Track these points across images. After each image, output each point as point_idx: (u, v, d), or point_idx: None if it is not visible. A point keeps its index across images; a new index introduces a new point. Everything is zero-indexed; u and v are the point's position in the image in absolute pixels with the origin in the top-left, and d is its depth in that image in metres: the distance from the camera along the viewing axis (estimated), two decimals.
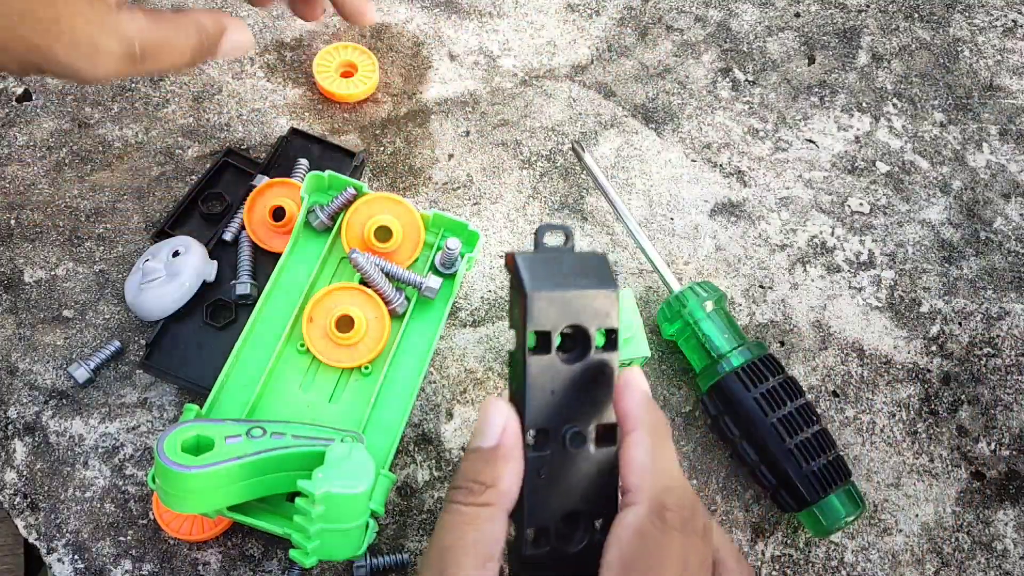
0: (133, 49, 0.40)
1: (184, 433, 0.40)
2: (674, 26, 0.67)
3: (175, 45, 0.42)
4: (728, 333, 0.51)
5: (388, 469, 0.46)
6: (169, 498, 0.39)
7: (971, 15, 0.70)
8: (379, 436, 0.47)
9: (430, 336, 0.50)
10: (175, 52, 0.42)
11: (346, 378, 0.49)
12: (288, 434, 0.42)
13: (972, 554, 0.51)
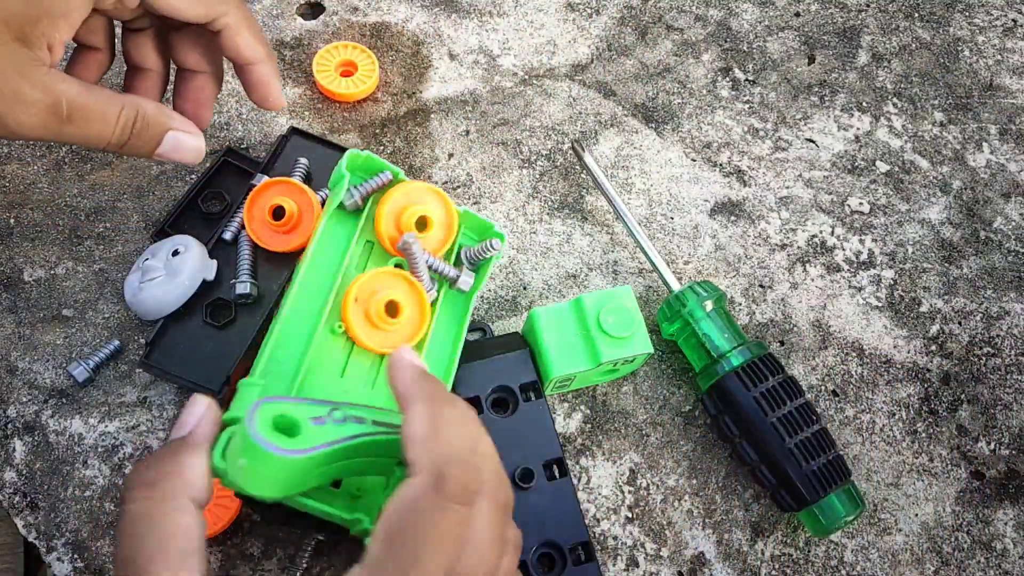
0: (60, 107, 0.39)
1: (272, 410, 0.35)
2: (674, 25, 0.67)
3: (105, 115, 0.41)
4: (728, 332, 0.51)
5: None
6: (254, 479, 0.34)
7: (971, 15, 0.70)
8: None
9: (459, 327, 0.49)
10: (104, 122, 0.41)
11: (379, 364, 0.47)
12: (369, 419, 0.37)
13: (972, 553, 0.51)
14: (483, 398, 0.48)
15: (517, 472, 0.46)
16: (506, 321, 0.54)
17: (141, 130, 0.43)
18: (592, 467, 0.51)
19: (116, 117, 0.42)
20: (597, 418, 0.52)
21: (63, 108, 0.39)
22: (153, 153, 0.44)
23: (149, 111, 0.43)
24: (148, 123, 0.43)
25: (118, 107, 0.42)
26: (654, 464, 0.51)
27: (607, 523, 0.49)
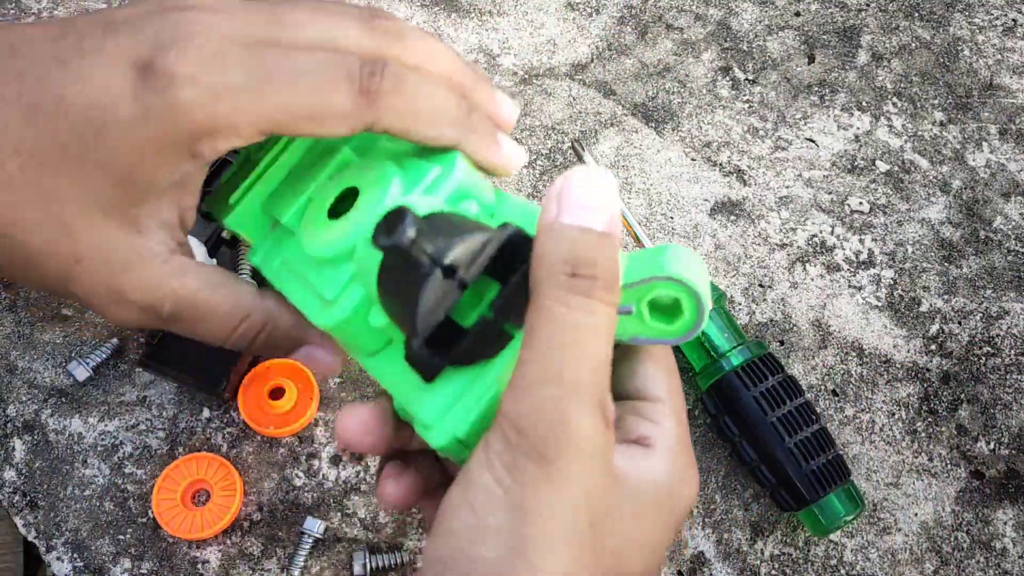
0: (161, 309, 0.33)
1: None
2: (674, 25, 0.67)
3: (222, 320, 0.34)
4: (728, 332, 0.51)
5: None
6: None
7: (971, 14, 0.70)
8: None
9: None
10: (219, 325, 0.34)
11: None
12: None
13: (971, 553, 0.51)
14: None
15: None
16: None
17: (267, 341, 0.36)
18: None
19: (235, 325, 0.35)
20: None
21: (164, 309, 0.33)
22: (285, 357, 0.37)
23: (281, 324, 0.35)
24: (277, 336, 0.36)
25: (241, 314, 0.35)
26: None
27: None
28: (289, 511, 0.48)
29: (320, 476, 0.49)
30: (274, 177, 0.36)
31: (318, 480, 0.49)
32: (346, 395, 0.51)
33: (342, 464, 0.50)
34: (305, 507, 0.48)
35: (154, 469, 0.48)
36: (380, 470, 0.33)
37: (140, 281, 0.33)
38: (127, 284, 0.33)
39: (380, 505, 0.49)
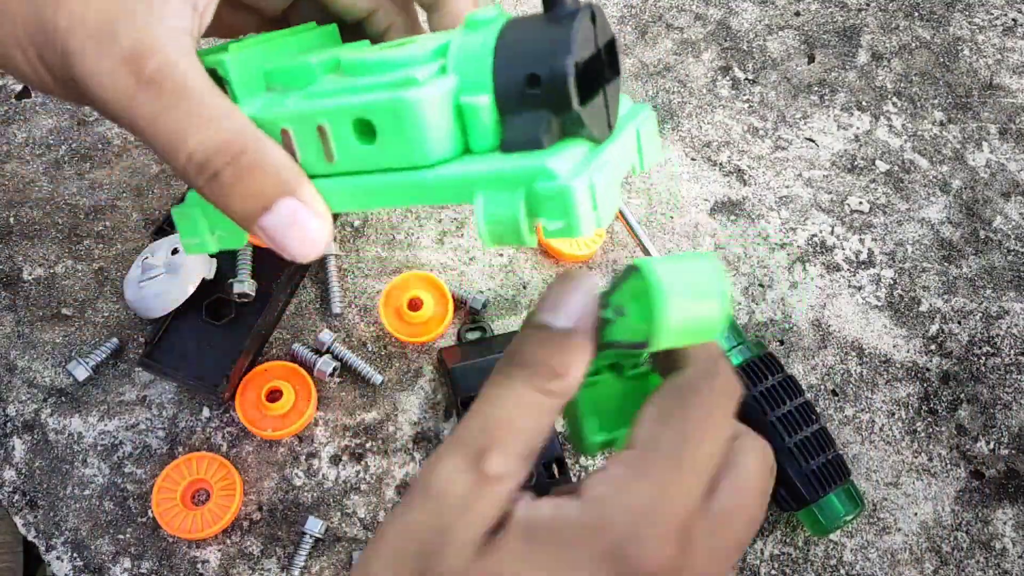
0: (143, 61, 0.28)
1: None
2: (674, 24, 0.67)
3: (201, 111, 0.28)
4: (728, 332, 0.51)
5: None
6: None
7: (971, 14, 0.70)
8: None
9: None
10: (193, 119, 0.28)
11: None
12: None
13: (971, 553, 0.51)
14: None
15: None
16: (506, 320, 0.54)
17: (247, 170, 0.28)
18: (591, 466, 0.51)
19: (217, 124, 0.28)
20: None
21: (148, 64, 0.27)
22: (253, 221, 0.29)
23: (273, 154, 0.29)
24: (263, 164, 0.29)
25: (230, 121, 0.28)
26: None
27: None
28: (289, 511, 0.48)
29: (320, 476, 0.49)
30: (280, 52, 0.34)
31: (318, 480, 0.49)
32: (346, 394, 0.51)
33: (342, 464, 0.50)
34: (305, 507, 0.48)
35: (154, 469, 0.48)
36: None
37: (138, 26, 0.28)
38: (121, 23, 0.27)
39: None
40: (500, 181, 0.29)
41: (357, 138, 0.30)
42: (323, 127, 0.30)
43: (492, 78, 0.29)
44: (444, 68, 0.30)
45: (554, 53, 0.28)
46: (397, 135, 0.29)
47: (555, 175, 0.28)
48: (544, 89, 0.29)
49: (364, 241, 0.56)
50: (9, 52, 0.29)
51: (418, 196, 0.31)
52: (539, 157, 0.29)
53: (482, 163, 0.30)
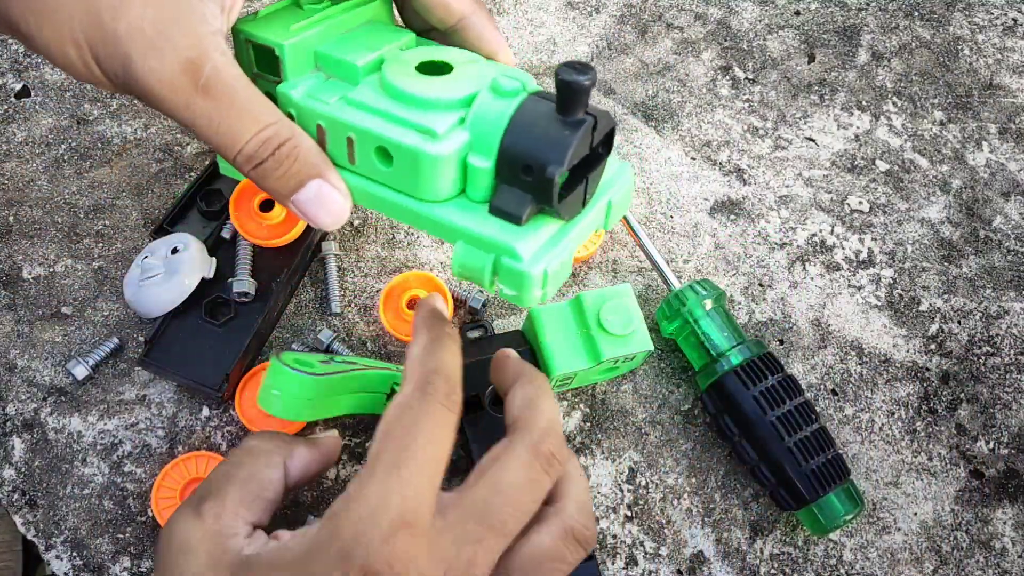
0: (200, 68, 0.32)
1: (292, 355, 0.45)
2: (674, 24, 0.67)
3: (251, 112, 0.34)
4: (727, 331, 0.51)
5: None
6: (286, 402, 0.43)
7: (971, 14, 0.70)
8: None
9: None
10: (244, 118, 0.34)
11: None
12: (359, 363, 0.47)
13: (971, 552, 0.51)
14: (483, 396, 0.48)
15: None
16: (506, 320, 0.54)
17: (284, 158, 0.35)
18: (591, 465, 0.51)
19: (261, 125, 0.34)
20: (596, 416, 0.52)
21: (203, 72, 0.32)
22: (288, 197, 0.36)
23: (305, 144, 0.36)
24: (297, 156, 0.35)
25: (270, 117, 0.34)
26: (653, 463, 0.51)
27: (606, 522, 0.49)
28: (288, 510, 0.48)
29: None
30: (332, 31, 0.39)
31: (317, 479, 0.49)
32: None
33: (341, 463, 0.50)
34: (305, 506, 0.48)
35: (153, 468, 0.48)
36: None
37: (191, 36, 0.32)
38: (177, 33, 0.32)
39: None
40: (479, 241, 0.35)
41: (377, 158, 0.36)
42: (351, 139, 0.36)
43: (497, 151, 0.34)
44: (463, 120, 0.35)
45: (548, 159, 0.33)
46: (409, 171, 0.35)
47: (520, 258, 0.34)
48: (534, 179, 0.34)
49: (364, 240, 0.56)
50: (64, 49, 0.32)
51: (413, 221, 0.37)
52: (513, 235, 0.34)
53: (471, 218, 0.35)
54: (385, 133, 0.35)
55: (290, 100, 0.37)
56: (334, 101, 0.36)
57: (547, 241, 0.36)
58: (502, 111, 0.34)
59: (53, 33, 0.32)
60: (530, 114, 0.34)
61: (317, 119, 0.36)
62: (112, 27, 0.31)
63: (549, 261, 0.35)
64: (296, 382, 0.42)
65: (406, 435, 0.33)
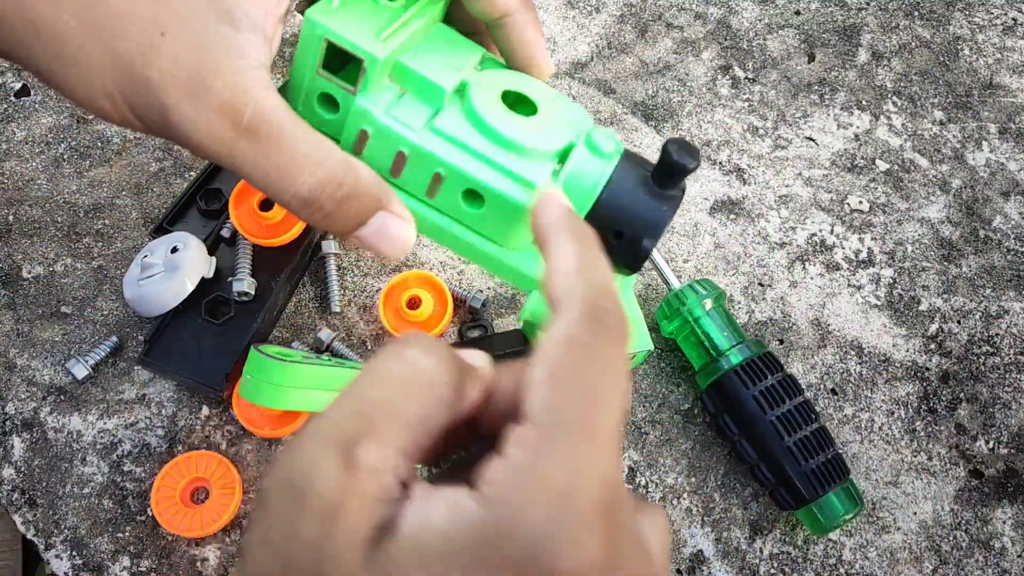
0: (240, 112, 0.30)
1: (274, 348, 0.47)
2: (674, 23, 0.67)
3: (302, 151, 0.31)
4: (727, 331, 0.51)
5: None
6: (263, 391, 0.44)
7: (971, 13, 0.70)
8: None
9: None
10: (296, 159, 0.31)
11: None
12: (347, 363, 0.48)
13: (970, 552, 0.51)
14: None
15: None
16: (506, 319, 0.54)
17: (343, 199, 0.32)
18: None
19: (317, 163, 0.31)
20: None
21: (245, 114, 0.30)
22: (349, 234, 0.34)
23: (364, 176, 0.32)
24: (358, 192, 0.32)
25: (325, 153, 0.31)
26: (653, 462, 0.51)
27: None
28: None
29: None
30: (412, 38, 0.35)
31: None
32: None
33: None
34: None
35: (153, 467, 0.48)
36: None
37: (227, 76, 0.30)
38: (212, 75, 0.29)
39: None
40: None
41: (464, 199, 0.34)
42: (439, 175, 0.34)
43: (589, 211, 0.34)
44: (557, 173, 0.34)
45: (645, 230, 0.34)
46: (498, 219, 0.34)
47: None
48: (622, 246, 0.34)
49: None
50: (98, 103, 0.31)
51: (486, 264, 0.36)
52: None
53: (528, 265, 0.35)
54: (480, 177, 0.33)
55: (369, 118, 0.33)
56: (420, 126, 0.33)
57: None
58: (599, 173, 0.34)
59: (83, 86, 0.30)
60: (626, 182, 0.34)
61: (401, 146, 0.33)
62: (144, 75, 0.30)
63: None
64: (272, 368, 0.43)
65: (590, 385, 0.24)
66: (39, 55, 0.30)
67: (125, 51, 0.29)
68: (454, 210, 0.35)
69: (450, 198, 0.35)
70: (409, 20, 0.35)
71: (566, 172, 0.34)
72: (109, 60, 0.29)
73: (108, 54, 0.29)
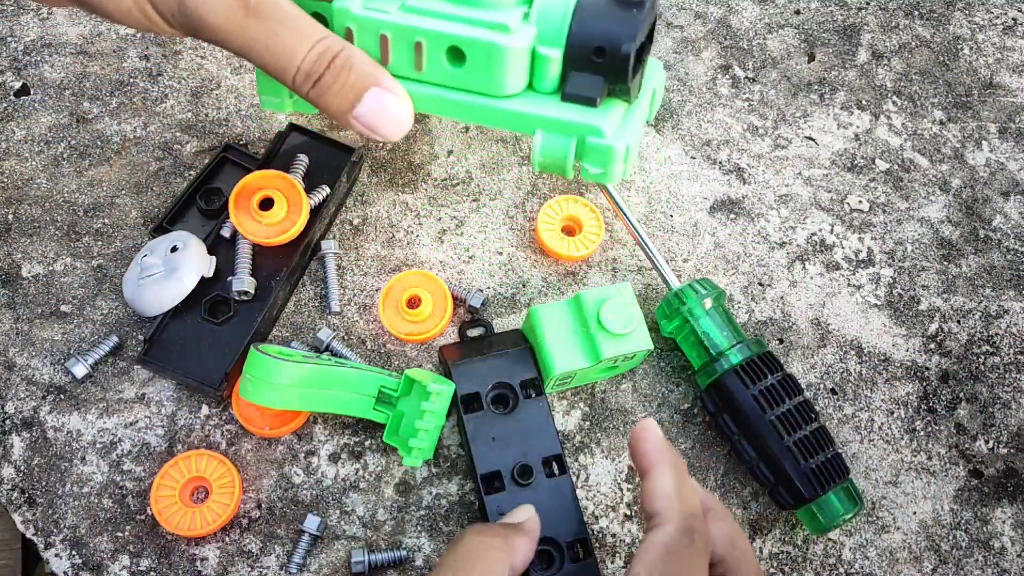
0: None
1: (274, 348, 0.46)
2: (674, 23, 0.67)
3: (301, 28, 0.35)
4: (727, 330, 0.51)
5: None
6: (256, 388, 0.44)
7: (971, 13, 0.70)
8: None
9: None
10: (296, 36, 0.35)
11: None
12: (347, 364, 0.48)
13: (970, 552, 0.51)
14: (483, 394, 0.48)
15: (516, 469, 0.46)
16: (506, 318, 0.54)
17: (340, 71, 0.36)
18: (591, 464, 0.51)
19: (314, 40, 0.35)
20: (596, 415, 0.52)
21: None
22: (349, 112, 0.37)
23: (357, 54, 0.36)
24: (351, 66, 0.36)
25: (320, 32, 0.35)
26: None
27: (605, 520, 0.49)
28: (288, 509, 0.48)
29: (319, 474, 0.49)
30: None
31: (317, 478, 0.49)
32: None
33: (341, 462, 0.50)
34: (304, 504, 0.48)
35: (153, 466, 0.48)
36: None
37: None
38: None
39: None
40: (559, 126, 0.38)
41: (448, 60, 0.37)
42: (421, 43, 0.37)
43: (566, 39, 0.37)
44: (527, 15, 0.37)
45: (621, 36, 0.36)
46: (483, 68, 0.37)
47: (603, 134, 0.37)
48: (607, 60, 0.36)
49: (363, 239, 0.56)
50: (124, 9, 0.35)
51: (487, 119, 0.39)
52: (592, 115, 0.37)
53: (546, 107, 0.38)
54: (459, 33, 0.36)
55: (348, 15, 0.37)
56: (394, 10, 0.37)
57: (621, 120, 0.39)
58: (566, 2, 0.37)
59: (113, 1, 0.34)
60: (592, 3, 0.37)
61: (381, 29, 0.37)
62: None
63: (628, 137, 0.38)
64: (271, 368, 0.43)
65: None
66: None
67: None
68: (443, 77, 0.38)
69: (436, 65, 0.38)
70: None
71: (536, 10, 0.37)
72: None
73: None
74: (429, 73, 0.38)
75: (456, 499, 0.49)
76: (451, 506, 0.49)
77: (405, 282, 0.53)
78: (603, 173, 0.38)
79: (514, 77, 0.37)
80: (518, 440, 0.47)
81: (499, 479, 0.46)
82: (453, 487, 0.49)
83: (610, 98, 0.38)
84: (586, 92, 0.37)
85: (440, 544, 0.48)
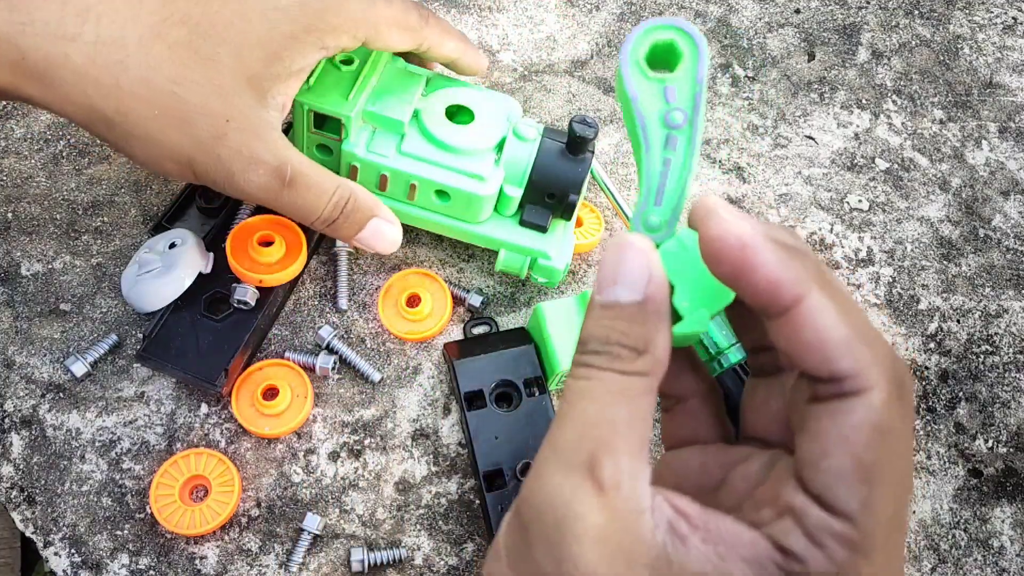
0: (284, 171, 0.41)
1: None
2: None
3: (323, 187, 0.43)
4: (726, 330, 0.51)
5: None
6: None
7: (971, 12, 0.70)
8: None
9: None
10: (320, 194, 0.43)
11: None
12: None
13: (969, 551, 0.51)
14: (487, 392, 0.48)
15: (519, 466, 0.46)
16: (505, 317, 0.54)
17: (351, 212, 0.45)
18: None
19: (331, 193, 0.44)
20: None
21: (287, 172, 0.41)
22: (354, 237, 0.46)
23: (359, 194, 0.45)
24: (358, 206, 0.45)
25: (334, 184, 0.44)
26: (652, 460, 0.51)
27: None
28: (287, 507, 0.48)
29: (318, 472, 0.49)
30: (369, 90, 0.47)
31: (316, 476, 0.49)
32: (344, 391, 0.51)
33: (340, 461, 0.50)
34: (303, 503, 0.48)
35: (152, 465, 0.48)
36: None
37: (270, 147, 0.41)
38: (260, 148, 0.41)
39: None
40: (517, 248, 0.50)
41: (435, 196, 0.48)
42: (414, 185, 0.48)
43: (527, 183, 0.48)
44: (497, 161, 0.48)
45: (567, 187, 0.48)
46: (463, 206, 0.48)
47: (550, 258, 0.49)
48: (556, 201, 0.48)
49: None
50: (164, 165, 0.41)
51: (463, 237, 0.50)
52: (542, 241, 0.49)
53: (508, 232, 0.49)
54: (444, 181, 0.47)
55: (355, 157, 0.47)
56: (392, 154, 0.47)
57: (561, 239, 0.50)
58: (528, 154, 0.47)
59: (155, 155, 0.40)
60: (548, 155, 0.47)
61: (381, 171, 0.47)
62: (215, 152, 0.40)
63: (567, 255, 0.50)
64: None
65: (905, 485, 0.24)
66: (116, 133, 0.39)
67: (201, 136, 0.39)
68: (430, 205, 0.49)
69: (425, 198, 0.48)
70: (366, 76, 0.47)
71: (504, 159, 0.48)
72: (188, 140, 0.39)
73: (187, 137, 0.39)
74: (419, 202, 0.49)
75: (456, 498, 0.49)
76: (450, 505, 0.49)
77: (405, 281, 0.53)
78: (548, 281, 0.51)
79: (485, 211, 0.49)
80: (521, 438, 0.47)
81: (500, 476, 0.46)
82: (453, 486, 0.49)
83: (554, 220, 0.50)
84: (539, 221, 0.49)
85: (440, 543, 0.48)
